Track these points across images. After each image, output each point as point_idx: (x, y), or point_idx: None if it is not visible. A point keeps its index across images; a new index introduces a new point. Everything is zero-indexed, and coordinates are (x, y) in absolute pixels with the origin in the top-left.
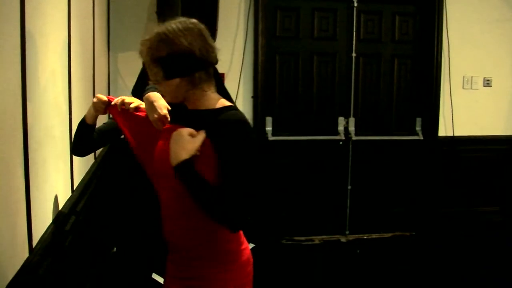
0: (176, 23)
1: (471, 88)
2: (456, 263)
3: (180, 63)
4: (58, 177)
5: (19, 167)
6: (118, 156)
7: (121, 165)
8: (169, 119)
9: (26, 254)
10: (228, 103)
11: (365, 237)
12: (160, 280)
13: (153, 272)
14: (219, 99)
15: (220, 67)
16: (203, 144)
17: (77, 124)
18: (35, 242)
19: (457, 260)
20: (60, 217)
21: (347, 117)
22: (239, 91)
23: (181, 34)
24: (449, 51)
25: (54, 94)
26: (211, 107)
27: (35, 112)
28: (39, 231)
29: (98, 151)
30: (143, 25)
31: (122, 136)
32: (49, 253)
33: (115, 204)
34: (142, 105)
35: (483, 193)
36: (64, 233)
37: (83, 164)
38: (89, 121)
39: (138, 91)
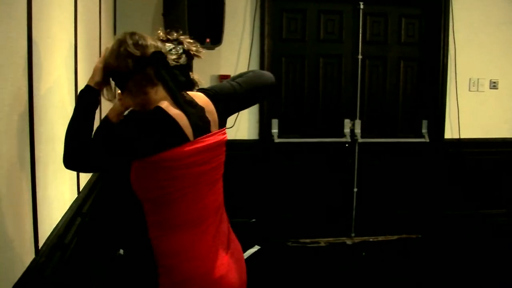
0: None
1: (477, 91)
2: (462, 266)
3: (114, 79)
4: (64, 178)
5: (26, 169)
6: None
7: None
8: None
9: (32, 255)
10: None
11: (371, 240)
12: None
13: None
14: (155, 100)
15: (226, 69)
16: None
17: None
18: (41, 243)
19: (463, 263)
20: (66, 218)
21: (353, 119)
22: None
23: (108, 56)
24: (455, 53)
25: (60, 97)
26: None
27: (41, 115)
28: (45, 232)
29: None
30: (149, 28)
31: None
32: (55, 255)
33: (121, 206)
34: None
35: (489, 196)
36: (70, 234)
37: None
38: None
39: None
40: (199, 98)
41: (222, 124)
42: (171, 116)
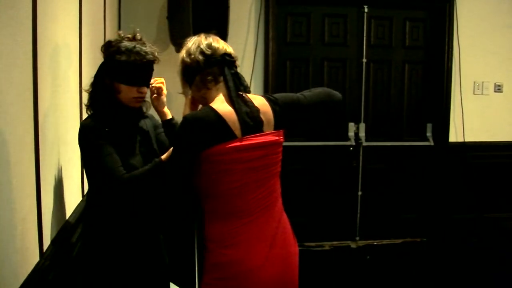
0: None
1: (482, 94)
2: (468, 270)
3: (185, 74)
4: (68, 182)
5: (31, 172)
6: None
7: None
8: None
9: (36, 259)
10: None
11: (376, 243)
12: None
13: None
14: (214, 97)
15: None
16: None
17: None
18: (45, 246)
19: (468, 267)
20: (70, 222)
21: (357, 122)
22: None
23: (184, 53)
24: (460, 57)
25: (65, 100)
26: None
27: (46, 117)
28: (49, 235)
29: None
30: (153, 31)
31: None
32: (59, 258)
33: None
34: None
35: (494, 199)
36: (74, 238)
37: None
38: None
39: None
40: (257, 99)
41: (279, 126)
42: (219, 114)
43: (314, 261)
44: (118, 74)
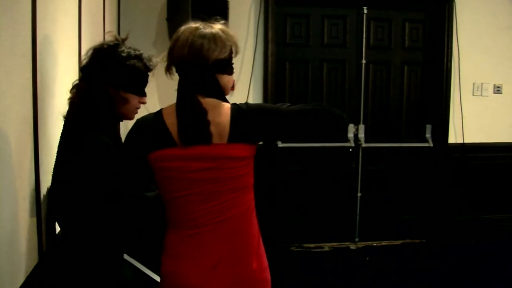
0: None
1: (481, 95)
2: (467, 271)
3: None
4: None
5: (30, 174)
6: None
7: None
8: None
9: (36, 260)
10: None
11: (375, 244)
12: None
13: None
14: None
15: None
16: None
17: None
18: (45, 247)
19: (467, 268)
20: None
21: (356, 124)
22: (249, 99)
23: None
24: (459, 58)
25: (64, 101)
26: None
27: (46, 118)
28: (49, 236)
29: None
30: (153, 32)
31: None
32: (59, 259)
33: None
34: None
35: (493, 201)
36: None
37: None
38: None
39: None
40: (217, 108)
41: (238, 139)
42: (163, 119)
43: (314, 262)
44: (129, 82)
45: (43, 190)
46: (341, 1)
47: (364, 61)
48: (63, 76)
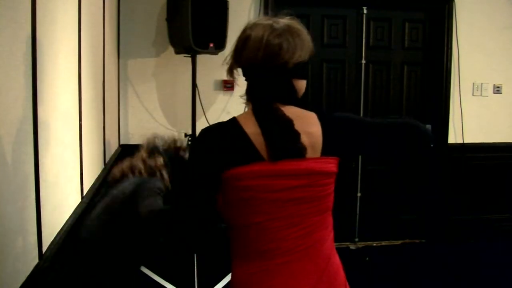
0: None
1: (481, 95)
2: (466, 271)
3: None
4: (68, 183)
5: (30, 174)
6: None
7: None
8: None
9: (36, 260)
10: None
11: (375, 245)
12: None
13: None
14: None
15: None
16: None
17: (86, 130)
18: (44, 248)
19: (467, 268)
20: (70, 223)
21: None
22: None
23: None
24: (459, 58)
25: (64, 101)
26: None
27: (45, 118)
28: (49, 237)
29: (108, 156)
30: (153, 32)
31: None
32: (58, 260)
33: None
34: None
35: (493, 200)
36: (74, 239)
37: (92, 170)
38: None
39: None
40: (303, 117)
41: (331, 151)
42: (242, 128)
43: None
44: None
45: (43, 190)
46: (341, 1)
47: (364, 61)
48: (63, 76)
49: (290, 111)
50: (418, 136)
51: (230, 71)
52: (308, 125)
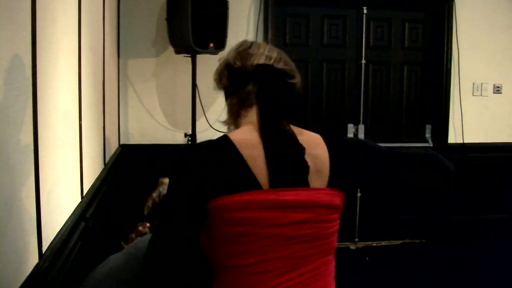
0: None
1: (481, 95)
2: (466, 271)
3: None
4: (67, 183)
5: (30, 174)
6: (128, 161)
7: (132, 169)
8: None
9: (36, 260)
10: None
11: (374, 245)
12: None
13: None
14: (241, 125)
15: None
16: None
17: (86, 130)
18: (44, 248)
19: (467, 268)
20: (70, 223)
21: (356, 124)
22: None
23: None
24: (459, 58)
25: (64, 101)
26: None
27: (45, 119)
28: (48, 237)
29: (108, 156)
30: (152, 32)
31: None
32: (58, 259)
33: (125, 210)
34: None
35: (493, 201)
36: (73, 239)
37: (93, 170)
38: None
39: None
40: (306, 136)
41: (338, 180)
42: (236, 149)
43: None
44: None
45: (43, 190)
46: (341, 1)
47: (363, 61)
48: (63, 76)
49: (297, 131)
50: (440, 167)
51: (220, 82)
52: (314, 147)
